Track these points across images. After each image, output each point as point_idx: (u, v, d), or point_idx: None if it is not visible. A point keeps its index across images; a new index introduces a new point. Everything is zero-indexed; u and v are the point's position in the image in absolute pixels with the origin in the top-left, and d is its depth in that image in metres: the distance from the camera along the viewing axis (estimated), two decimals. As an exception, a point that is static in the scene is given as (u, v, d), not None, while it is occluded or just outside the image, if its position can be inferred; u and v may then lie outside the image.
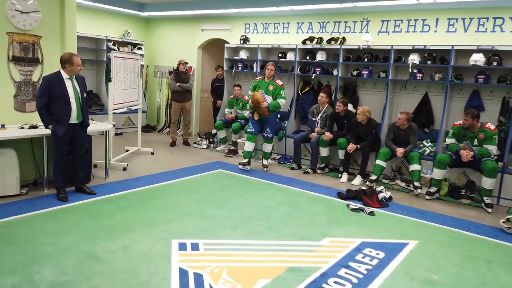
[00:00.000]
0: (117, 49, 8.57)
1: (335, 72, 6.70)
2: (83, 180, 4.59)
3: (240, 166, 6.11)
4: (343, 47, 6.51)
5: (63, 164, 4.32)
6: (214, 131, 7.88)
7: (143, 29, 9.64)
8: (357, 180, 5.78)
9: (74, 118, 4.23)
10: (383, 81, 6.38)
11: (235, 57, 7.95)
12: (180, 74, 7.55)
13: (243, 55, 7.77)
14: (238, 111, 7.52)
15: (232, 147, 7.38)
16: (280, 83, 5.99)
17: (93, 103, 8.40)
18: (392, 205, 4.89)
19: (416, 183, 5.41)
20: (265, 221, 4.07)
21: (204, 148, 7.70)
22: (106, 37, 8.40)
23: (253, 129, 6.11)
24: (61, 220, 3.76)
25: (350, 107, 6.41)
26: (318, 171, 6.28)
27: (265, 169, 6.21)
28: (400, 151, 5.45)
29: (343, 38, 6.71)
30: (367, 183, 5.63)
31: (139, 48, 9.13)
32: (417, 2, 5.53)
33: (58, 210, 4.00)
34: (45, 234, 3.42)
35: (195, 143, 7.86)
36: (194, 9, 7.97)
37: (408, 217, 4.51)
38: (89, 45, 8.37)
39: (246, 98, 7.47)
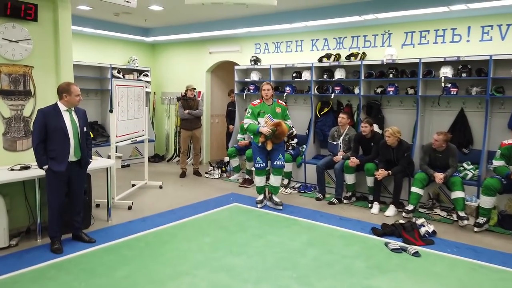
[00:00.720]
0: (122, 77, 8.18)
1: (356, 91, 6.13)
2: (81, 227, 4.02)
3: (258, 205, 5.33)
4: (364, 63, 5.95)
5: (59, 208, 3.77)
6: (226, 159, 7.32)
7: (148, 55, 9.27)
8: (391, 211, 5.10)
9: (72, 155, 3.71)
10: (411, 98, 5.77)
11: (246, 79, 7.46)
12: (189, 101, 7.06)
13: (254, 76, 7.27)
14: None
15: (247, 176, 6.78)
16: (284, 103, 5.42)
17: (98, 134, 7.95)
18: (437, 241, 4.19)
19: (461, 213, 4.71)
20: (293, 270, 3.42)
21: (217, 178, 7.11)
22: (110, 65, 8.02)
23: (263, 164, 5.25)
24: (51, 280, 3.16)
25: (375, 128, 5.80)
26: (345, 201, 5.63)
27: (279, 207, 5.24)
28: (439, 176, 4.78)
29: (363, 53, 6.17)
30: (403, 214, 4.95)
31: (145, 75, 8.72)
32: (447, 9, 4.97)
33: (50, 267, 3.41)
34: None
35: (206, 173, 7.29)
36: (201, 32, 7.55)
37: (460, 257, 3.80)
38: (92, 74, 7.99)
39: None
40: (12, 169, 3.96)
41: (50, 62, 4.36)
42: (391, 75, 5.72)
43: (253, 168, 5.72)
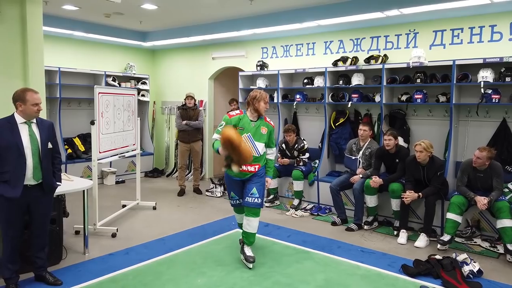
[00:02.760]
0: (118, 85, 7.54)
1: (377, 98, 5.34)
2: (44, 265, 3.28)
3: (248, 254, 3.72)
4: (386, 66, 5.18)
5: (15, 244, 3.06)
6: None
7: (147, 62, 8.63)
8: (422, 241, 4.26)
9: (29, 178, 3.00)
10: (442, 106, 4.97)
11: (251, 87, 6.72)
12: (188, 110, 6.35)
13: (260, 83, 6.54)
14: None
15: (252, 195, 5.99)
16: (273, 123, 3.85)
17: (89, 148, 7.27)
18: (485, 284, 3.35)
19: (510, 246, 3.86)
20: (305, 330, 2.63)
21: (219, 197, 6.36)
22: (105, 72, 7.37)
23: (238, 200, 3.82)
24: None
25: (400, 141, 5.01)
26: (365, 227, 4.81)
27: (249, 265, 3.64)
28: (483, 202, 3.95)
29: (385, 55, 5.40)
30: (438, 246, 4.12)
31: (143, 83, 8.06)
32: (489, 2, 4.18)
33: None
34: None
35: (207, 190, 6.54)
36: (202, 34, 6.86)
37: (520, 309, 2.97)
38: (85, 82, 7.35)
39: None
40: (-37, 194, 3.26)
41: (16, 67, 3.70)
42: (418, 80, 4.93)
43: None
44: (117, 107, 4.95)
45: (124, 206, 5.48)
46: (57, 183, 3.26)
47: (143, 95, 7.95)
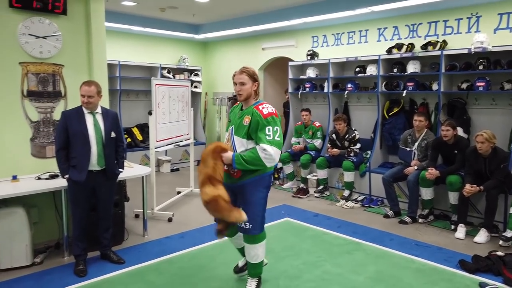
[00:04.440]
0: (173, 77, 7.82)
1: (434, 87, 5.09)
2: (109, 244, 3.55)
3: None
4: (445, 52, 4.91)
5: (82, 223, 3.34)
6: (279, 165, 6.61)
7: (200, 54, 8.86)
8: (482, 237, 4.04)
9: (94, 164, 3.25)
10: (507, 94, 4.63)
11: (301, 77, 6.69)
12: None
13: (311, 73, 6.48)
14: (308, 140, 6.19)
15: (302, 185, 6.02)
16: (267, 111, 2.65)
17: (147, 137, 7.65)
18: (554, 285, 3.13)
19: None
20: (356, 320, 2.63)
21: (268, 186, 6.43)
22: (160, 64, 7.69)
23: None
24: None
25: (460, 131, 4.75)
26: (420, 220, 4.65)
27: None
28: (554, 196, 3.66)
29: (443, 41, 5.12)
30: (501, 242, 3.90)
31: (196, 75, 8.30)
32: None
33: (68, 294, 2.97)
34: None
35: (257, 180, 6.64)
36: (253, 25, 6.91)
37: None
38: (142, 74, 7.72)
39: (317, 124, 6.14)
40: (39, 178, 3.61)
41: (82, 60, 3.98)
42: (481, 67, 4.63)
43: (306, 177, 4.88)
44: (172, 98, 5.16)
45: (179, 192, 5.73)
46: (120, 169, 3.49)
47: (195, 87, 8.19)
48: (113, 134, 3.37)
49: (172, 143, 5.25)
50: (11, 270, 3.28)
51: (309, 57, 6.52)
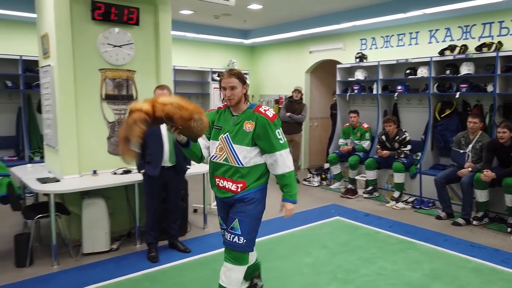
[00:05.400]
0: (222, 80, 8.15)
1: (489, 88, 5.04)
2: (177, 235, 3.87)
3: None
4: (500, 54, 4.86)
5: (156, 214, 3.67)
6: (327, 165, 6.75)
7: (247, 58, 9.16)
8: (542, 240, 3.99)
9: (166, 160, 3.58)
10: None
11: (349, 79, 6.79)
12: (293, 103, 6.67)
13: (359, 75, 6.57)
14: (356, 141, 6.29)
15: (350, 186, 6.12)
16: (271, 113, 2.41)
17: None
18: None
19: None
20: (415, 312, 2.74)
21: (316, 186, 6.59)
22: (211, 69, 8.06)
23: (225, 228, 2.53)
24: (144, 294, 3.02)
25: (516, 133, 4.67)
26: (474, 222, 4.62)
27: None
28: None
29: (499, 42, 5.05)
30: (562, 246, 3.82)
31: (244, 78, 8.60)
32: None
33: (145, 277, 3.28)
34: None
35: (305, 179, 6.81)
36: (301, 30, 7.11)
37: None
38: (194, 78, 8.13)
39: (365, 125, 6.22)
40: (115, 173, 4.00)
41: (151, 66, 4.34)
42: (540, 68, 4.55)
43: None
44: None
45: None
46: (187, 166, 3.80)
47: (243, 89, 8.49)
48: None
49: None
50: (93, 255, 3.68)
51: (357, 60, 6.62)
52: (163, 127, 3.54)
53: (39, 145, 5.99)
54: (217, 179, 2.47)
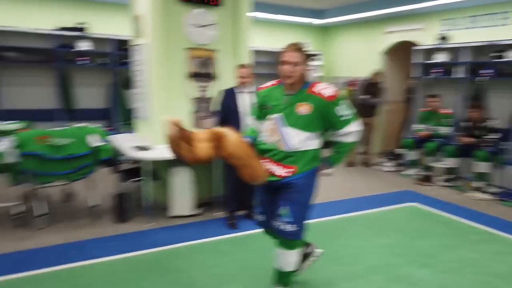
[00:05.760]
0: (293, 62, 8.17)
1: None
2: (251, 205, 4.05)
3: None
4: None
5: (235, 185, 3.89)
6: (399, 150, 6.54)
7: (320, 39, 9.05)
8: None
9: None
10: None
11: (427, 61, 6.44)
12: (369, 86, 6.53)
13: (441, 58, 6.21)
14: (434, 127, 5.99)
15: (426, 172, 5.89)
16: (328, 92, 2.27)
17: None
18: None
19: None
20: (502, 301, 2.65)
21: (388, 171, 6.44)
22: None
23: (264, 217, 2.58)
24: (227, 254, 3.30)
25: None
26: None
27: None
28: None
29: None
30: None
31: (312, 60, 8.54)
32: None
33: (225, 241, 3.56)
34: (209, 274, 2.94)
35: (377, 164, 6.68)
36: (378, 9, 6.86)
37: None
38: (266, 59, 8.22)
39: (446, 111, 5.91)
40: (199, 145, 4.27)
41: (229, 46, 4.50)
42: None
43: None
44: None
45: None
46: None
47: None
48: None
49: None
50: (179, 218, 4.01)
51: (439, 41, 6.25)
52: (242, 102, 3.71)
53: (125, 118, 6.51)
54: (264, 161, 2.33)
